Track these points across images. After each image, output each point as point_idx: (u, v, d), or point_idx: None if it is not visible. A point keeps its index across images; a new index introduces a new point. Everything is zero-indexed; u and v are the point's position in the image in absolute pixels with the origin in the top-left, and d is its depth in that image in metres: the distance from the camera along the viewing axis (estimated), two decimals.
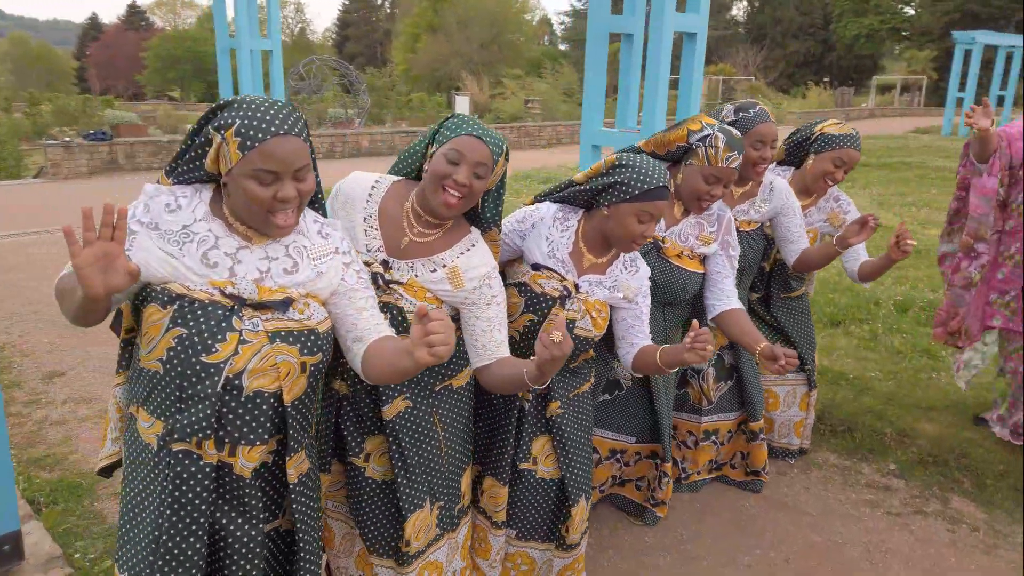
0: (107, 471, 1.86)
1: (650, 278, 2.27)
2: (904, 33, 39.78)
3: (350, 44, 55.33)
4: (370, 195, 1.91)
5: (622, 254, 2.20)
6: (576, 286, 2.13)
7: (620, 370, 2.78)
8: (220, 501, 1.57)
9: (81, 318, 1.47)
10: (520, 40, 41.60)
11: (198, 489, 1.53)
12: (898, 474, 3.40)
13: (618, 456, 2.89)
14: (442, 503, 2.04)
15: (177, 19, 56.57)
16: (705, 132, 2.34)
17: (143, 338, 1.52)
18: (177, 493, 1.52)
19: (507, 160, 1.85)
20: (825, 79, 39.06)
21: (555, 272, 2.13)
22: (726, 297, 2.57)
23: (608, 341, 2.37)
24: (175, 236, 1.52)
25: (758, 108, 2.68)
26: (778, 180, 2.89)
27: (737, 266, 2.63)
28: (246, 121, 1.43)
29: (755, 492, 3.22)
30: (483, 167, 1.76)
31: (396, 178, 1.97)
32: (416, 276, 1.86)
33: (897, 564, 2.79)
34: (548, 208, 2.21)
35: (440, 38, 37.97)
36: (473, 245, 1.90)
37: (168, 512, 1.52)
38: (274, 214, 1.50)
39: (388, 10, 57.53)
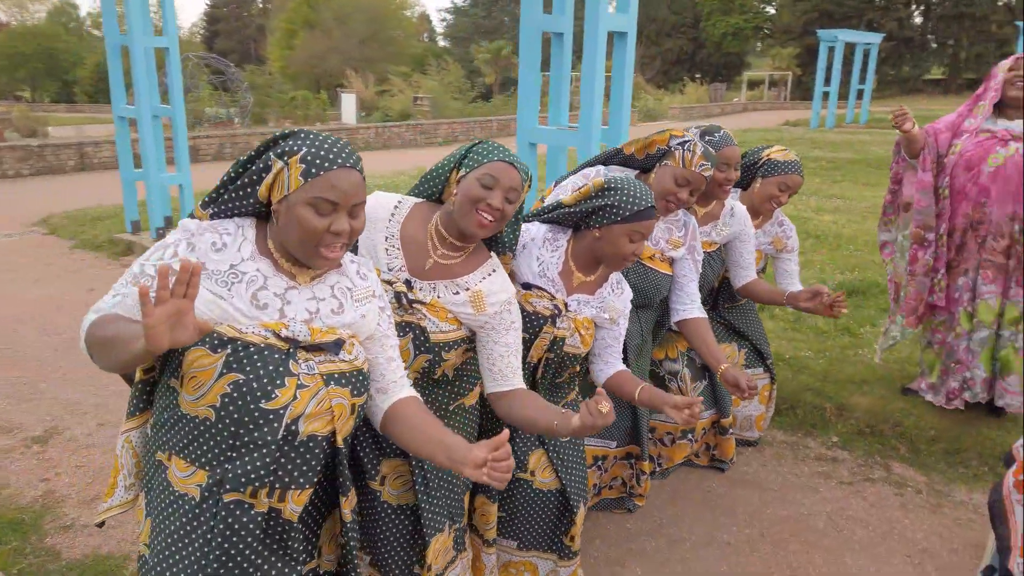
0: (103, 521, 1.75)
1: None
2: (767, 31, 42.24)
3: (220, 40, 52.92)
4: (392, 215, 1.90)
5: (610, 276, 2.26)
6: (566, 305, 2.18)
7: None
8: (261, 548, 1.52)
9: (121, 368, 1.40)
10: (401, 36, 41.21)
11: (249, 539, 1.48)
12: (841, 446, 3.64)
13: (599, 463, 2.94)
14: (456, 524, 2.05)
15: (24, 14, 52.27)
16: (686, 138, 2.45)
17: (187, 384, 1.44)
18: (227, 545, 1.46)
19: (530, 187, 1.89)
20: (698, 75, 40.97)
21: (545, 291, 2.17)
22: (691, 302, 2.68)
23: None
24: (223, 276, 1.47)
25: (723, 132, 2.77)
26: (738, 206, 3.01)
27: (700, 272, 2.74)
28: (313, 150, 1.43)
29: (721, 472, 3.36)
30: (515, 192, 1.80)
31: (417, 200, 1.97)
32: (439, 297, 1.86)
33: (859, 529, 2.99)
34: (538, 228, 2.25)
35: (318, 34, 37.04)
36: (494, 270, 1.93)
37: (216, 564, 1.46)
38: (324, 247, 1.46)
39: (261, 5, 55.45)
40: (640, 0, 4.54)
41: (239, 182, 1.51)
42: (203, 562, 1.46)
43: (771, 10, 42.35)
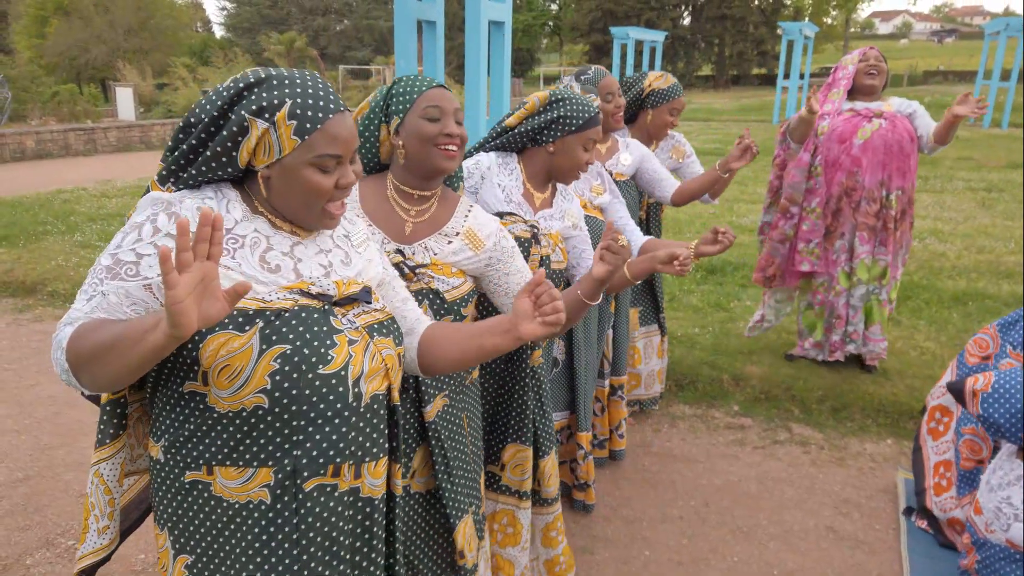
0: (91, 570, 1.45)
1: None
2: (554, 28, 44.17)
3: None
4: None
5: (558, 187, 2.29)
6: (537, 223, 2.17)
7: (556, 348, 2.81)
8: (354, 533, 1.36)
9: (127, 377, 1.12)
10: (172, 26, 38.13)
11: (341, 524, 1.31)
12: (743, 413, 3.90)
13: (559, 435, 2.91)
14: (474, 507, 1.94)
15: None
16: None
17: (217, 378, 1.20)
18: (321, 538, 1.28)
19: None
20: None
21: (517, 215, 2.15)
22: (637, 234, 2.72)
23: None
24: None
25: (594, 68, 2.92)
26: (630, 140, 3.17)
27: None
28: (299, 100, 1.22)
29: (620, 460, 3.38)
30: (460, 112, 1.73)
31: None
32: (435, 254, 1.76)
33: (787, 488, 3.22)
34: (488, 157, 2.21)
35: (75, 21, 33.28)
36: (471, 207, 1.85)
37: (314, 563, 1.28)
38: (332, 203, 1.30)
39: None
40: None
41: (209, 151, 1.24)
42: (295, 567, 1.27)
43: (555, 7, 44.33)
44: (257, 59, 32.10)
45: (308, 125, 1.22)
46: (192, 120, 1.26)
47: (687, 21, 44.09)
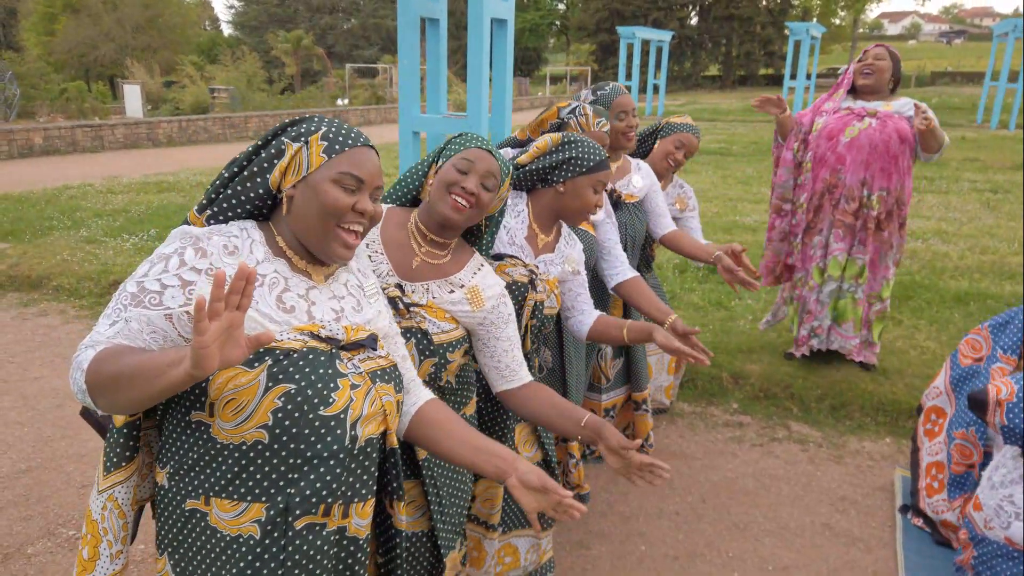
0: None
1: None
2: (561, 28, 44.14)
3: None
4: None
5: (563, 231, 2.28)
6: (536, 268, 2.16)
7: (543, 355, 2.83)
8: (337, 570, 1.39)
9: (140, 406, 1.18)
10: (181, 24, 38.24)
11: (326, 563, 1.34)
12: (742, 411, 3.91)
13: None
14: (460, 541, 1.97)
15: None
16: (573, 105, 2.52)
17: (222, 411, 1.25)
18: (304, 574, 1.31)
19: (511, 184, 1.85)
20: None
21: (517, 259, 2.14)
22: (621, 264, 2.70)
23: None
24: None
25: (611, 84, 2.91)
26: (641, 162, 3.14)
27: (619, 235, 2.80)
28: (333, 129, 1.36)
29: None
30: (491, 179, 1.75)
31: (389, 205, 1.90)
32: (433, 298, 1.79)
33: (784, 485, 3.23)
34: None
35: (84, 19, 33.42)
36: (483, 265, 1.88)
37: None
38: (344, 231, 1.35)
39: None
40: None
41: (246, 172, 1.36)
42: None
43: (562, 6, 44.30)
44: (264, 57, 32.14)
45: (337, 147, 1.33)
46: (240, 155, 1.38)
47: (694, 21, 44.02)
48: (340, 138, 1.34)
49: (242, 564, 1.29)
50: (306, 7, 43.54)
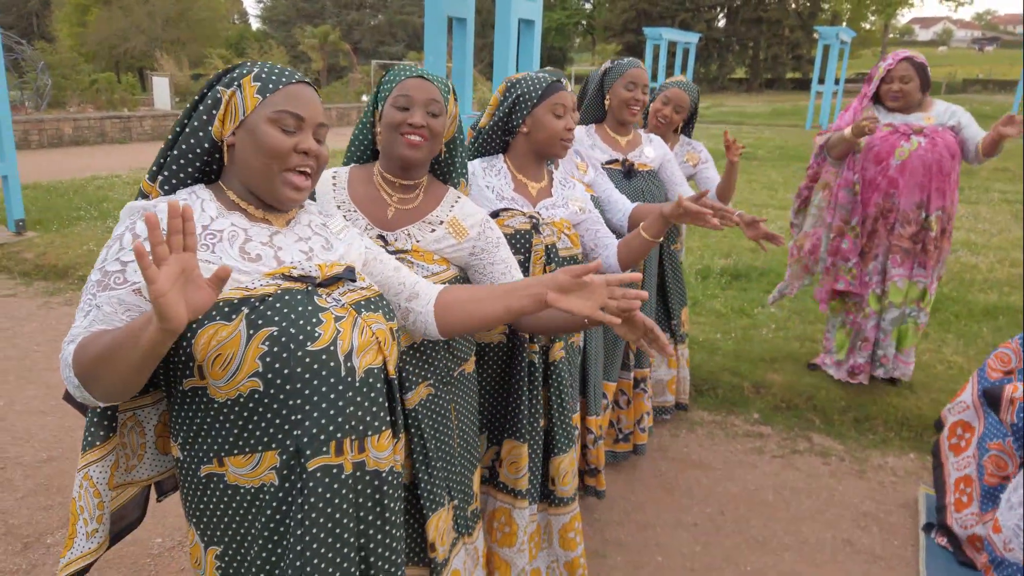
0: (83, 570, 1.45)
1: None
2: (587, 28, 44.01)
3: None
4: (334, 185, 1.81)
5: (555, 177, 2.28)
6: (538, 213, 2.17)
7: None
8: (363, 514, 1.38)
9: (135, 379, 1.16)
10: (210, 17, 38.61)
11: (347, 507, 1.32)
12: (763, 421, 3.86)
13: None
14: (456, 502, 1.93)
15: None
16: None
17: (211, 369, 1.24)
18: (322, 519, 1.29)
19: (456, 100, 1.83)
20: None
21: (514, 209, 2.14)
22: (623, 203, 2.67)
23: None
24: (201, 240, 1.29)
25: (629, 58, 2.94)
26: (653, 135, 3.19)
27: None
28: (265, 69, 1.34)
29: (642, 455, 3.37)
30: (435, 104, 1.72)
31: (353, 165, 1.89)
32: (417, 241, 1.79)
33: (805, 499, 3.18)
34: (472, 165, 2.21)
35: (115, 11, 33.84)
36: (459, 198, 1.87)
37: (324, 549, 1.30)
38: (290, 173, 1.32)
39: None
40: None
41: (188, 128, 1.36)
42: (303, 549, 1.28)
43: (589, 6, 44.16)
44: (291, 52, 32.38)
45: (271, 85, 1.30)
46: (182, 113, 1.37)
47: (722, 23, 43.70)
48: (274, 76, 1.32)
49: (269, 512, 1.29)
50: (334, 3, 43.74)
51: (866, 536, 2.92)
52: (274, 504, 1.29)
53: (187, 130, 1.35)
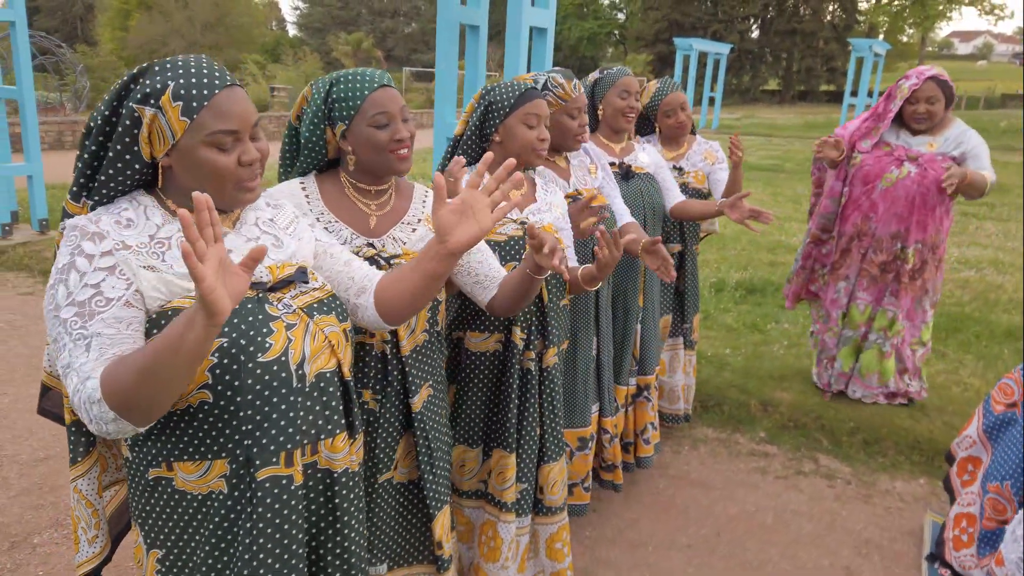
0: (95, 571, 1.51)
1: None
2: (617, 36, 43.94)
3: (41, 17, 48.09)
4: (307, 197, 1.76)
5: (538, 182, 2.25)
6: (527, 219, 2.15)
7: (593, 343, 2.75)
8: (313, 521, 1.38)
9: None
10: (248, 23, 39.24)
11: (295, 518, 1.30)
12: (769, 441, 3.76)
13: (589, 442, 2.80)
14: (448, 502, 1.94)
15: None
16: (542, 80, 2.39)
17: None
18: (270, 530, 1.27)
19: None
20: None
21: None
22: (625, 214, 2.71)
23: None
24: (149, 249, 1.25)
25: (619, 66, 2.94)
26: (646, 144, 3.18)
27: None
28: (182, 81, 1.21)
29: (646, 468, 3.28)
30: (405, 108, 1.71)
31: (313, 174, 1.81)
32: (404, 243, 1.77)
33: (805, 523, 3.08)
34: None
35: (156, 16, 34.56)
36: (427, 192, 1.87)
37: (271, 560, 1.28)
38: (242, 181, 1.28)
39: None
40: (495, 1, 4.59)
41: (112, 153, 1.25)
42: (250, 558, 1.26)
43: (621, 16, 44.09)
44: (325, 58, 32.76)
45: (194, 104, 1.21)
46: (91, 125, 1.27)
47: (755, 34, 43.34)
48: (194, 92, 1.21)
49: (217, 519, 1.28)
50: (368, 10, 44.23)
51: (866, 564, 2.82)
52: (223, 512, 1.28)
53: (111, 155, 1.26)
